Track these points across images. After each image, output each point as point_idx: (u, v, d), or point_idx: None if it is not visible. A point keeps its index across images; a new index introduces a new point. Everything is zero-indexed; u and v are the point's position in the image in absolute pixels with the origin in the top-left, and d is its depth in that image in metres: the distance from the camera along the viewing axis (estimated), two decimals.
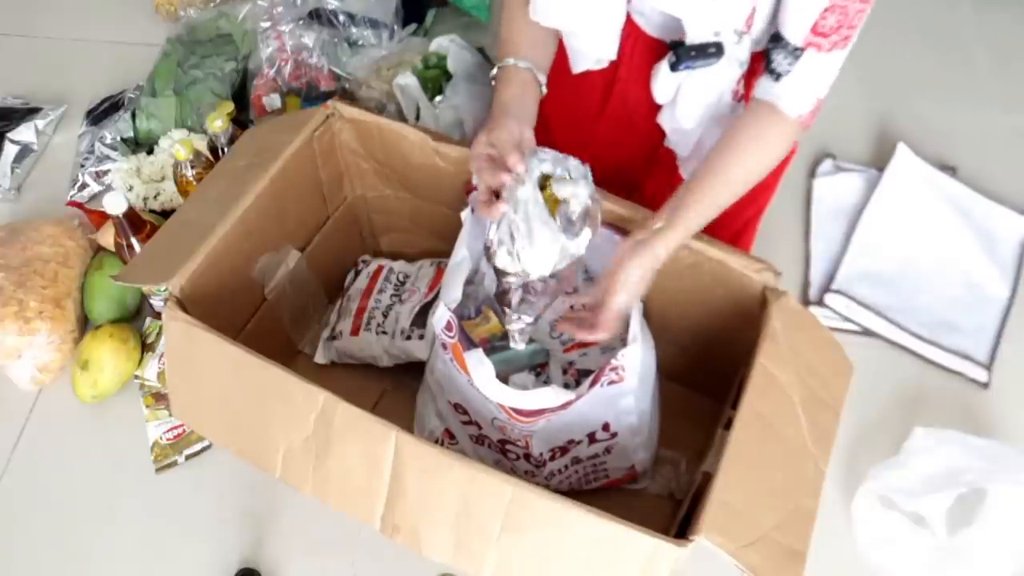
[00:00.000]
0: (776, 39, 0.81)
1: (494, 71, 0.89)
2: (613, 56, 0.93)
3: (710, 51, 0.83)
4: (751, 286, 0.87)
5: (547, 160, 0.78)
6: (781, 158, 0.87)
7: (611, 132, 1.03)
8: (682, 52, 0.84)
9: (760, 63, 0.85)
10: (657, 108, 0.94)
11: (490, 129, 0.82)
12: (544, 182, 0.77)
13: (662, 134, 0.98)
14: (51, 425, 1.12)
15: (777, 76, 0.82)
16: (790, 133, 0.86)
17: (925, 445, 0.99)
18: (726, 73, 0.86)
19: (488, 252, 0.80)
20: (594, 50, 0.92)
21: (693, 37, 0.84)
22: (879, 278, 1.22)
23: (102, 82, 1.52)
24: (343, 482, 0.76)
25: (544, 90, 0.89)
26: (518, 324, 0.84)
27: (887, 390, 1.13)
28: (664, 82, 0.88)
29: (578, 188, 0.77)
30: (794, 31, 0.79)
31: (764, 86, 0.84)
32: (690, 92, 0.88)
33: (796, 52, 0.80)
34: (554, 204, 0.77)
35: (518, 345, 0.86)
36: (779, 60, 0.81)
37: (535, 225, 0.75)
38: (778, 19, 0.80)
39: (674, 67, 0.85)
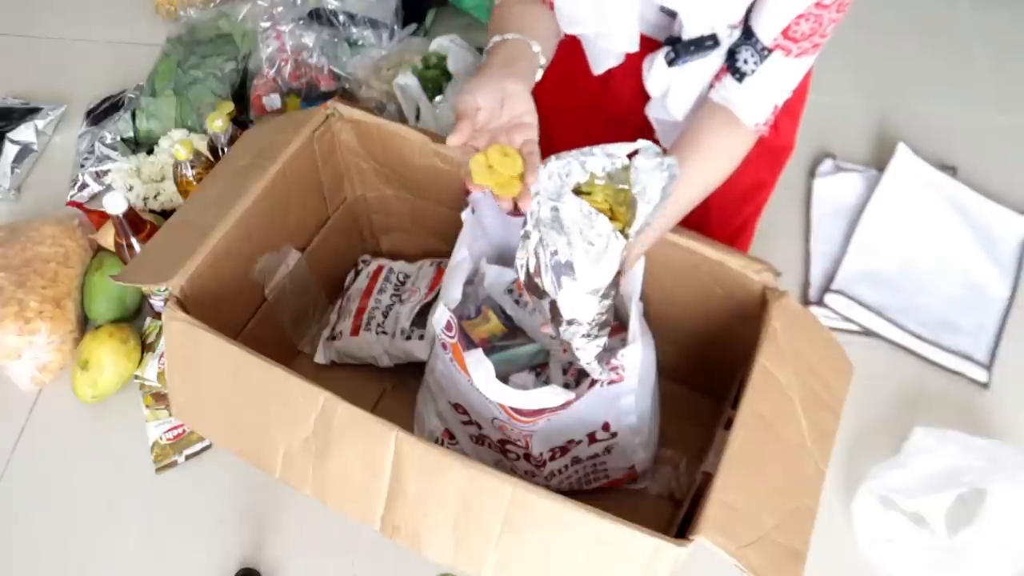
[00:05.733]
0: (747, 35, 0.81)
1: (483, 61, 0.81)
2: (636, 48, 0.90)
3: (707, 44, 0.82)
4: (751, 286, 0.87)
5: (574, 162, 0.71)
6: (737, 165, 0.87)
7: (607, 127, 1.03)
8: (680, 48, 0.83)
9: None
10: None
11: (467, 92, 0.71)
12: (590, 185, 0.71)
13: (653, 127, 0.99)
14: (51, 425, 1.12)
15: (740, 76, 0.82)
16: (748, 142, 0.86)
17: (925, 445, 0.99)
18: (714, 64, 0.86)
19: (534, 287, 0.72)
20: (618, 45, 0.90)
21: (690, 33, 0.83)
22: (879, 278, 1.22)
23: (102, 82, 1.52)
24: (343, 482, 0.76)
25: (543, 61, 0.81)
26: (594, 349, 0.76)
27: (887, 390, 1.13)
28: (658, 75, 0.88)
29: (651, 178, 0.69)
30: (766, 30, 0.79)
31: (724, 88, 0.84)
32: (682, 84, 0.88)
33: (763, 52, 0.80)
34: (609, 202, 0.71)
35: (603, 376, 0.78)
36: (745, 58, 0.81)
37: (594, 252, 0.68)
38: (752, 14, 0.80)
39: (672, 63, 0.85)
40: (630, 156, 0.71)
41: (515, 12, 0.86)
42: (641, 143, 0.71)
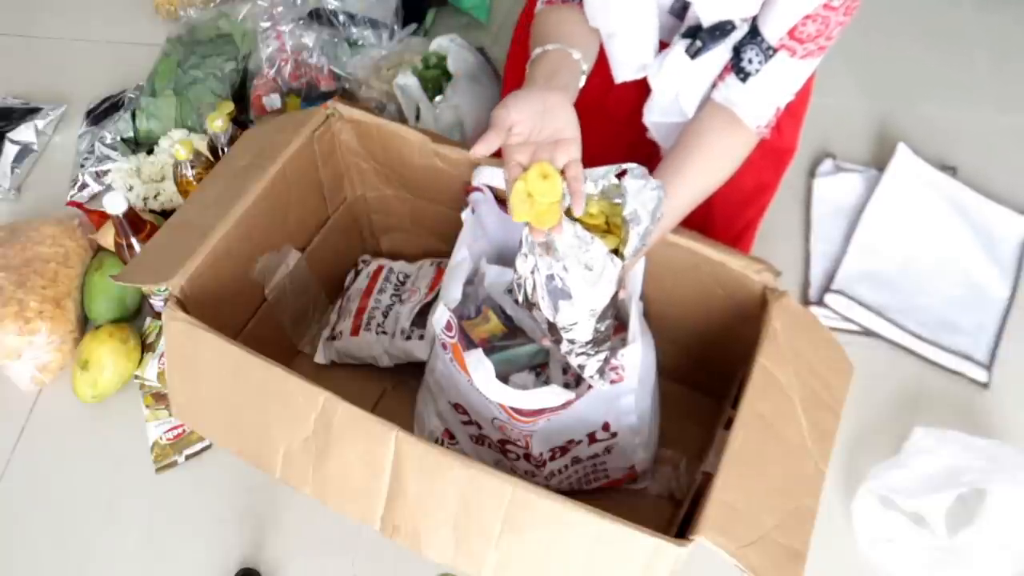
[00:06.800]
0: (753, 34, 0.81)
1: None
2: (651, 57, 0.89)
3: (728, 28, 0.82)
4: (751, 286, 0.87)
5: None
6: (738, 166, 0.87)
7: (610, 127, 1.03)
8: (705, 36, 0.82)
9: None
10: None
11: (504, 105, 0.70)
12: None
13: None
14: (51, 425, 1.12)
15: (744, 76, 0.82)
16: (749, 144, 0.86)
17: (925, 445, 0.99)
18: (724, 56, 0.85)
19: (530, 304, 0.73)
20: (633, 55, 0.90)
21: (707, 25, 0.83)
22: (879, 278, 1.22)
23: (102, 82, 1.52)
24: (343, 482, 0.76)
25: (585, 67, 0.81)
26: (595, 364, 0.77)
27: (887, 390, 1.13)
28: (671, 73, 0.87)
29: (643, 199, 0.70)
30: (772, 29, 0.79)
31: (727, 88, 0.84)
32: (697, 78, 0.87)
33: (768, 51, 0.80)
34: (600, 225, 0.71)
35: (603, 384, 0.78)
36: (749, 57, 0.81)
37: (591, 276, 0.69)
38: (760, 13, 0.80)
39: (697, 53, 0.83)
40: (619, 176, 0.72)
41: (552, 21, 0.87)
42: (628, 165, 0.72)
